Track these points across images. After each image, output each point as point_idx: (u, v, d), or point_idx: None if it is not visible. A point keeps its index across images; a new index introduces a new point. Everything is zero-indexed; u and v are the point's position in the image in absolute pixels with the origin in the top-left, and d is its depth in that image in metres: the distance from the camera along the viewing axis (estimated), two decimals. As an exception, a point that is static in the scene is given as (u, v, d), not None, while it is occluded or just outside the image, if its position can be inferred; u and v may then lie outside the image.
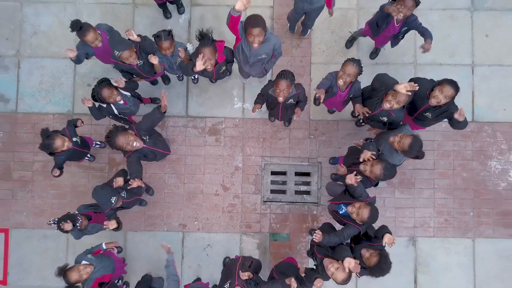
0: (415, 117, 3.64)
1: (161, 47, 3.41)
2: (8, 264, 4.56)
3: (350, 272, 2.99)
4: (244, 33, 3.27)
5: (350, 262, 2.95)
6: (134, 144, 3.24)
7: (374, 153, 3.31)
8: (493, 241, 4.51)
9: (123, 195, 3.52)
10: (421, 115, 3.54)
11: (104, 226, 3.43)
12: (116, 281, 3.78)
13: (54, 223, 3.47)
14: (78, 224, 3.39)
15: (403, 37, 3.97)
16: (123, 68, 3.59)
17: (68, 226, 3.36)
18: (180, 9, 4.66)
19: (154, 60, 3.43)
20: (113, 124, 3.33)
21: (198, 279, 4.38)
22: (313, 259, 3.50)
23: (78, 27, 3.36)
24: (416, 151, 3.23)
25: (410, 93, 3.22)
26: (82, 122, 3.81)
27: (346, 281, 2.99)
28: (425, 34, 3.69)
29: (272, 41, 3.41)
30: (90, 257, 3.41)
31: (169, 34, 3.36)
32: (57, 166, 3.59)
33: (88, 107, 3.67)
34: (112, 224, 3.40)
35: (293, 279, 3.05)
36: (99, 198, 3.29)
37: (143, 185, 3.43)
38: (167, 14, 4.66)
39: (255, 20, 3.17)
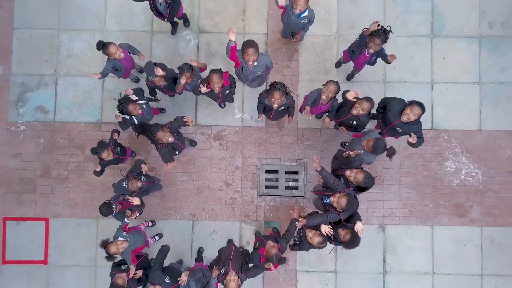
0: (387, 130, 4.55)
1: (183, 76, 4.37)
2: (48, 247, 5.52)
3: (324, 237, 3.91)
4: (242, 56, 4.23)
5: (325, 228, 3.91)
6: (169, 138, 4.24)
7: (358, 152, 4.20)
8: (448, 228, 5.46)
9: (142, 179, 4.49)
10: (393, 129, 4.40)
11: (129, 200, 4.36)
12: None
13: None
14: (114, 209, 4.33)
15: (374, 63, 4.89)
16: (154, 87, 4.60)
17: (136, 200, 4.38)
18: (186, 24, 5.56)
19: (179, 88, 4.46)
20: (155, 123, 4.36)
21: (201, 249, 5.29)
22: (299, 235, 4.40)
23: (101, 45, 4.35)
24: (381, 149, 4.10)
25: (370, 100, 4.15)
26: (118, 135, 4.75)
27: (321, 243, 3.90)
28: (384, 58, 4.64)
29: (265, 61, 4.39)
30: (125, 234, 4.34)
31: (190, 67, 4.33)
32: (101, 166, 4.57)
33: (118, 121, 4.62)
34: (136, 200, 4.35)
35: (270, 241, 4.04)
36: (116, 186, 4.36)
37: (177, 166, 4.39)
38: (173, 31, 5.59)
39: (250, 43, 4.15)
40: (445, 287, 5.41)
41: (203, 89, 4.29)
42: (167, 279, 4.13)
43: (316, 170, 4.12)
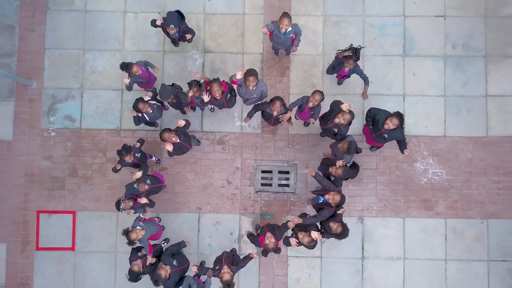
0: (376, 136, 5.46)
1: (191, 90, 5.30)
2: (75, 236, 6.44)
3: (314, 240, 4.81)
4: (244, 81, 5.15)
5: (314, 234, 4.81)
6: (173, 139, 5.17)
7: (344, 160, 5.12)
8: (417, 219, 6.38)
9: (148, 182, 5.40)
10: (381, 135, 5.31)
11: (138, 201, 5.29)
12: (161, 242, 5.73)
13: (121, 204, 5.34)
14: (121, 207, 5.26)
15: (349, 76, 5.81)
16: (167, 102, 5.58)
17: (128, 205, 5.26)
18: (189, 40, 6.40)
19: (188, 111, 5.45)
20: (165, 128, 5.30)
21: (203, 262, 6.14)
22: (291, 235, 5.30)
23: (126, 66, 5.29)
24: (353, 150, 5.03)
25: (351, 113, 5.07)
26: (140, 144, 5.67)
27: (310, 243, 4.80)
28: (365, 81, 5.58)
29: (262, 87, 5.32)
30: (142, 224, 5.28)
31: (197, 83, 5.26)
32: (121, 165, 5.51)
33: (133, 116, 5.56)
34: (143, 200, 5.25)
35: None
36: (128, 187, 5.34)
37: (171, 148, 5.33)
38: (175, 44, 6.48)
39: (251, 72, 5.06)
40: (414, 270, 6.34)
41: (206, 97, 5.21)
42: (174, 262, 5.08)
43: (312, 176, 5.04)
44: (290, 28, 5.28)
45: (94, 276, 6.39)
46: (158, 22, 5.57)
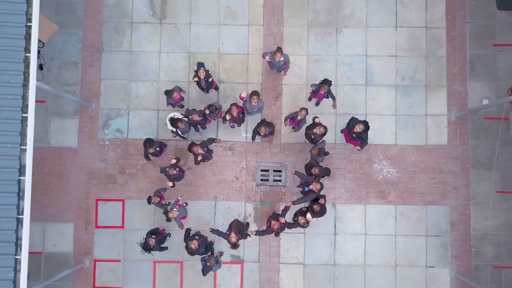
0: (350, 135, 7.80)
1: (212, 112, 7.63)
2: (124, 217, 8.76)
3: (308, 221, 7.12)
4: (249, 98, 7.45)
5: (309, 217, 7.12)
6: (199, 151, 7.47)
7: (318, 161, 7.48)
8: (374, 206, 8.70)
9: (177, 169, 7.69)
10: (351, 135, 7.67)
11: (167, 184, 7.66)
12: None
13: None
14: (151, 201, 7.60)
15: (327, 97, 8.11)
16: (192, 123, 7.89)
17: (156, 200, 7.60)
18: (216, 88, 8.74)
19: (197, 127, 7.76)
20: (192, 141, 7.64)
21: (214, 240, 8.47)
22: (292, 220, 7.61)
23: (169, 92, 7.61)
24: (322, 153, 7.42)
25: (325, 128, 7.38)
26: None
27: (305, 223, 7.09)
28: (334, 98, 7.90)
29: (260, 104, 7.65)
30: (177, 207, 7.60)
31: (216, 108, 7.58)
32: (146, 158, 7.87)
33: (171, 130, 7.89)
34: (170, 184, 7.62)
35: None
36: (162, 169, 7.68)
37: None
38: (207, 91, 8.77)
39: (255, 92, 7.32)
40: (372, 243, 8.65)
41: (228, 116, 7.55)
42: (196, 237, 7.40)
43: (293, 173, 7.41)
44: (282, 58, 7.63)
45: (137, 247, 8.71)
46: (195, 79, 7.81)
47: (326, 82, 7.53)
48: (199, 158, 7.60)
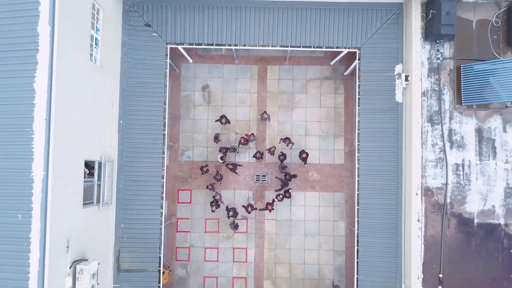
0: (300, 158, 17.60)
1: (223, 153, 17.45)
2: (191, 198, 18.43)
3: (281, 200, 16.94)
4: (250, 135, 17.27)
5: (280, 198, 17.02)
6: (229, 166, 17.28)
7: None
8: (309, 192, 18.48)
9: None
10: (300, 158, 17.52)
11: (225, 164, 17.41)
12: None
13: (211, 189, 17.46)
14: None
15: (293, 143, 17.98)
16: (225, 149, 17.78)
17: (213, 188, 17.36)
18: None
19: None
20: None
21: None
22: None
23: (215, 137, 17.48)
24: (284, 167, 17.29)
25: (285, 155, 17.21)
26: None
27: (280, 201, 16.93)
28: (292, 144, 17.75)
29: (254, 138, 17.51)
30: (218, 193, 17.33)
31: (228, 149, 17.39)
32: (200, 170, 17.71)
33: (220, 157, 17.73)
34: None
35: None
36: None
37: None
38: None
39: (252, 135, 17.24)
40: (308, 209, 18.41)
41: (240, 142, 17.39)
42: (230, 208, 17.19)
43: (275, 178, 17.28)
44: (266, 116, 17.55)
45: (199, 211, 18.36)
46: (223, 120, 17.70)
47: (287, 138, 17.45)
48: (230, 167, 17.40)
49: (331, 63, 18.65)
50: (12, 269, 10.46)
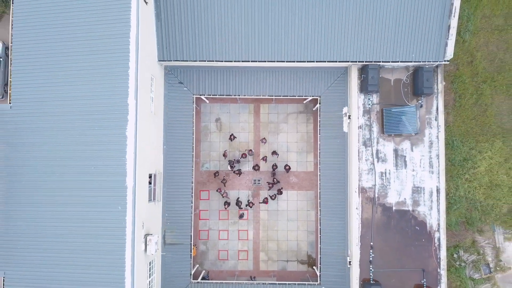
0: (284, 169, 25.93)
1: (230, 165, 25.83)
2: (209, 195, 26.78)
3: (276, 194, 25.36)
4: (249, 151, 25.66)
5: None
6: (236, 172, 25.71)
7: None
8: (290, 191, 26.82)
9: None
10: (285, 169, 25.87)
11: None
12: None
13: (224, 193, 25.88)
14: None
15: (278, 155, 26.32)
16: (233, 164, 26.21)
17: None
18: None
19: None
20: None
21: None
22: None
23: (224, 154, 25.90)
24: (273, 174, 25.70)
25: (276, 165, 25.57)
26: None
27: (273, 198, 25.32)
28: (277, 155, 26.09)
29: (252, 153, 25.92)
30: (226, 191, 25.72)
31: (234, 161, 25.78)
32: (214, 176, 26.19)
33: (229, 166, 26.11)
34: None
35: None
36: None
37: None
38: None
39: (250, 151, 25.65)
40: (290, 203, 26.76)
41: (243, 155, 25.77)
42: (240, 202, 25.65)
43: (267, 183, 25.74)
44: (262, 138, 25.93)
45: (215, 206, 26.73)
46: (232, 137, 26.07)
47: (274, 151, 25.84)
48: (236, 172, 25.78)
49: (304, 102, 27.00)
50: (115, 235, 18.87)
